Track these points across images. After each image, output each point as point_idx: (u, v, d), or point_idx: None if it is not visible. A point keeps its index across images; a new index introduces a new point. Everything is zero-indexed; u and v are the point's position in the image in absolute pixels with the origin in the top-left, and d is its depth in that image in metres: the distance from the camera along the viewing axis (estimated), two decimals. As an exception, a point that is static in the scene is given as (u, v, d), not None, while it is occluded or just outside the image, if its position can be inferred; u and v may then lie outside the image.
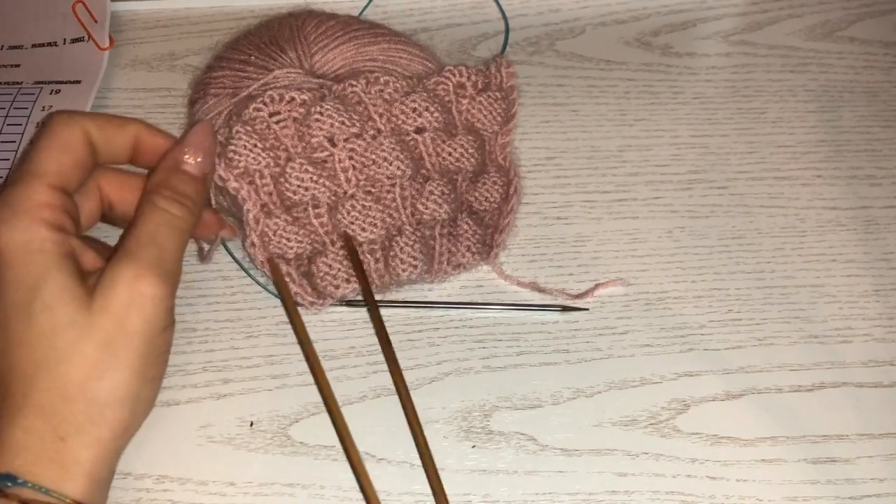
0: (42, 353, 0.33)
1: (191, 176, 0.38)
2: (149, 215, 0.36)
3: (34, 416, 0.32)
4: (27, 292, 0.33)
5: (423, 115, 0.43)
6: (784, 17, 0.57)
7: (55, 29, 0.55)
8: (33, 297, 0.33)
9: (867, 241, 0.47)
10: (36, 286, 0.33)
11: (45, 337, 0.33)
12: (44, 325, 0.33)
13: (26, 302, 0.33)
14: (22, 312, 0.33)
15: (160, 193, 0.36)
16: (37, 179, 0.35)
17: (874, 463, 0.40)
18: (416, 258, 0.43)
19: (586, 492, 0.39)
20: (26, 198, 0.34)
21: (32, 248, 0.33)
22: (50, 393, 0.33)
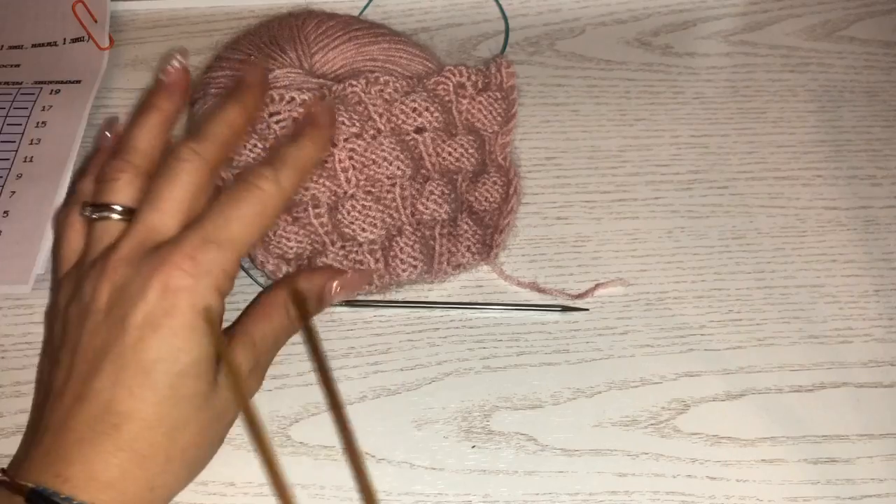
0: (168, 410, 0.33)
1: (323, 303, 0.40)
2: (278, 318, 0.38)
3: (134, 463, 0.33)
4: (180, 350, 0.33)
5: (423, 115, 0.43)
6: (784, 17, 0.57)
7: (55, 29, 0.55)
8: (185, 357, 0.33)
9: (867, 241, 0.47)
10: (190, 349, 0.33)
11: (177, 397, 0.33)
12: (182, 386, 0.34)
13: (174, 358, 0.33)
14: (168, 366, 0.33)
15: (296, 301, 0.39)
16: (234, 250, 0.35)
17: (874, 463, 0.40)
18: (416, 258, 0.43)
19: (586, 492, 0.39)
20: (219, 265, 0.34)
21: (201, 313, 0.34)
22: (158, 449, 0.33)
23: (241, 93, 0.39)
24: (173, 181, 0.36)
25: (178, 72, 0.40)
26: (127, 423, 0.33)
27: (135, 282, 0.34)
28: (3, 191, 0.47)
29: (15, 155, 0.49)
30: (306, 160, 0.39)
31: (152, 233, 0.35)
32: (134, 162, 0.37)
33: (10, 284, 0.44)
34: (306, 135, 0.39)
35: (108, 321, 0.34)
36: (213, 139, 0.37)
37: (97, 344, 0.34)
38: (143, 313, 0.33)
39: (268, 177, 0.36)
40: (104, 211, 0.37)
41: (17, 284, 0.44)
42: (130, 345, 0.33)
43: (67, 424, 0.33)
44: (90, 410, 0.33)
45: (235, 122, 0.38)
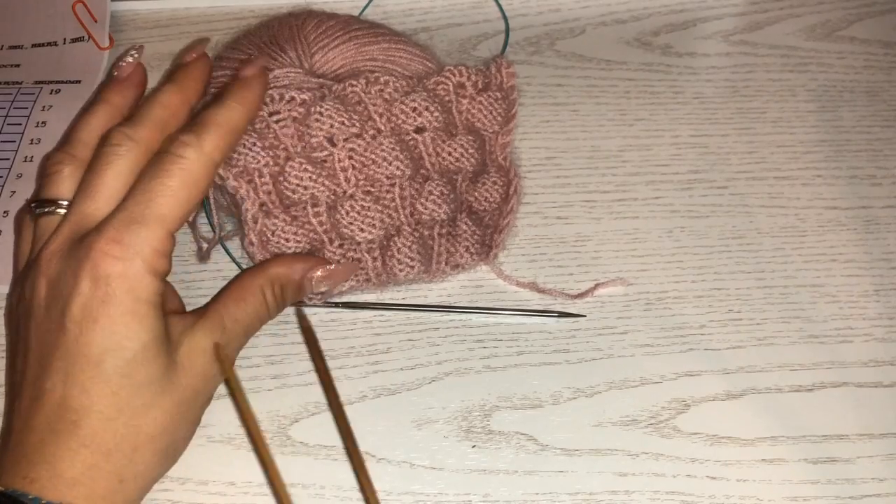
0: (126, 399, 0.33)
1: (301, 289, 0.40)
2: (253, 303, 0.38)
3: (101, 456, 0.33)
4: (125, 338, 0.33)
5: (422, 114, 0.43)
6: (784, 17, 0.57)
7: (55, 29, 0.55)
8: (132, 344, 0.33)
9: (867, 240, 0.47)
10: (134, 335, 0.33)
11: (132, 385, 0.33)
12: (135, 374, 0.33)
13: (121, 347, 0.33)
14: (116, 356, 0.33)
15: (273, 289, 0.38)
16: (162, 227, 0.34)
17: (874, 463, 0.40)
18: (413, 258, 0.43)
19: (586, 492, 0.39)
20: (147, 243, 0.33)
21: (140, 297, 0.33)
22: (123, 439, 0.33)
23: (176, 74, 0.38)
24: (103, 167, 0.35)
25: (130, 66, 0.39)
26: (84, 418, 0.32)
27: (66, 274, 0.33)
28: (3, 191, 0.47)
29: (15, 155, 0.49)
30: (232, 121, 0.37)
31: (83, 221, 0.34)
32: (74, 154, 0.36)
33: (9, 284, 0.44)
34: (231, 93, 0.37)
35: (48, 317, 0.34)
36: (145, 121, 0.36)
37: (42, 342, 0.33)
38: (79, 306, 0.33)
39: (189, 143, 0.35)
40: (46, 206, 0.36)
41: (16, 284, 0.44)
42: (73, 339, 0.33)
43: (28, 426, 0.33)
44: (47, 410, 0.33)
45: (170, 103, 0.37)
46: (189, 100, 0.38)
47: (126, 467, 0.33)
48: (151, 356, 0.34)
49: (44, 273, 0.34)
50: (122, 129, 0.36)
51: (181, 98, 0.37)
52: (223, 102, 0.37)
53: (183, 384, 0.35)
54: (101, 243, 0.33)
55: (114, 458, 0.33)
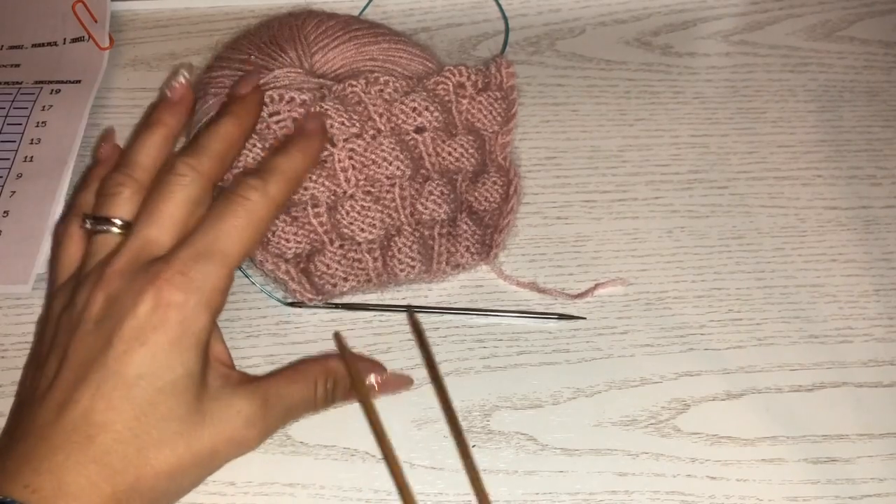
0: (145, 427, 0.33)
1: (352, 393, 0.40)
2: (303, 387, 0.38)
3: (103, 476, 0.32)
4: (162, 366, 0.33)
5: (422, 114, 0.43)
6: (784, 17, 0.57)
7: (55, 29, 0.55)
8: (167, 374, 0.33)
9: (867, 241, 0.47)
10: (174, 366, 0.33)
11: (154, 416, 0.33)
12: (160, 404, 0.33)
13: (156, 374, 0.33)
14: (149, 382, 0.33)
15: (325, 382, 0.38)
16: (226, 264, 0.35)
17: (874, 463, 0.40)
18: (414, 258, 0.43)
19: (586, 492, 0.39)
20: (209, 279, 0.34)
21: (189, 329, 0.34)
22: (129, 465, 0.33)
23: (235, 105, 0.40)
24: (168, 196, 0.36)
25: (182, 88, 0.40)
26: (101, 434, 0.32)
27: (127, 295, 0.34)
28: (3, 191, 0.47)
29: (15, 155, 0.49)
30: (295, 169, 0.39)
31: (147, 247, 0.35)
32: (135, 176, 0.37)
33: (9, 284, 0.44)
34: (295, 144, 0.39)
35: (97, 331, 0.34)
36: (208, 153, 0.37)
37: (84, 353, 0.34)
38: (132, 326, 0.33)
39: (255, 187, 0.36)
40: (104, 224, 0.37)
41: (17, 284, 0.44)
42: (116, 357, 0.33)
43: (45, 433, 0.33)
44: (68, 419, 0.33)
45: (231, 136, 0.39)
46: (246, 133, 0.40)
47: (124, 493, 0.33)
48: (181, 391, 0.34)
49: (103, 289, 0.35)
50: (187, 159, 0.37)
51: (240, 132, 0.39)
52: (288, 152, 0.39)
53: (204, 437, 0.34)
54: (167, 272, 0.34)
55: (115, 481, 0.32)
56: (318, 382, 0.38)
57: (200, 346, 0.34)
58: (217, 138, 0.38)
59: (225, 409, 0.35)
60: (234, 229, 0.35)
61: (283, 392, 0.37)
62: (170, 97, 0.40)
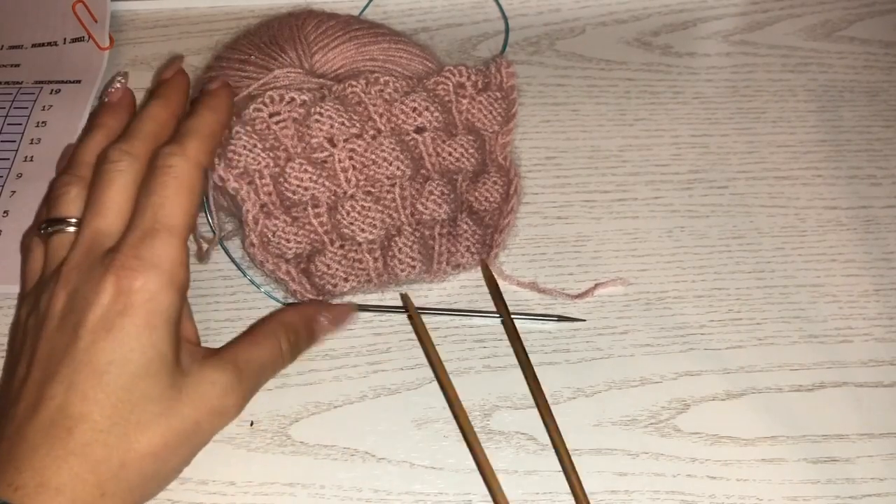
0: (123, 413, 0.33)
1: (314, 336, 0.41)
2: (270, 346, 0.38)
3: (88, 466, 0.32)
4: (133, 350, 0.34)
5: (423, 114, 0.43)
6: (784, 17, 0.57)
7: (55, 29, 0.55)
8: (139, 357, 0.34)
9: (867, 240, 0.47)
10: (143, 348, 0.34)
11: (131, 400, 0.33)
12: (136, 388, 0.33)
13: (127, 359, 0.33)
14: (121, 367, 0.33)
15: (287, 334, 0.39)
16: (172, 235, 0.35)
17: (874, 463, 0.40)
18: (414, 258, 0.43)
19: (586, 491, 0.39)
20: (162, 255, 0.35)
21: (156, 310, 0.34)
22: (113, 452, 0.33)
23: (161, 88, 0.41)
24: (108, 184, 0.37)
25: (120, 91, 0.42)
26: (79, 425, 0.32)
27: (86, 287, 0.34)
28: (3, 191, 0.47)
29: (15, 155, 0.49)
30: (207, 125, 0.39)
31: (98, 238, 0.36)
32: (79, 174, 0.38)
33: (9, 284, 0.44)
34: (201, 103, 0.40)
35: (61, 327, 0.34)
36: (138, 135, 0.38)
37: (51, 350, 0.34)
38: (97, 316, 0.34)
39: (174, 153, 0.37)
40: (57, 225, 0.37)
41: (16, 284, 0.44)
42: (83, 348, 0.33)
43: (21, 432, 0.33)
44: (44, 416, 0.33)
45: (159, 116, 0.39)
46: (175, 112, 0.40)
47: (110, 481, 0.33)
48: (154, 372, 0.34)
49: (63, 286, 0.35)
50: (118, 145, 0.38)
51: (168, 111, 0.40)
52: (196, 112, 0.39)
53: (185, 413, 0.35)
54: (121, 258, 0.34)
55: (100, 471, 0.33)
56: (281, 338, 0.39)
57: (170, 325, 0.35)
58: (146, 120, 0.39)
59: (200, 382, 0.35)
60: (168, 199, 0.36)
61: (251, 356, 0.38)
62: (109, 100, 0.42)
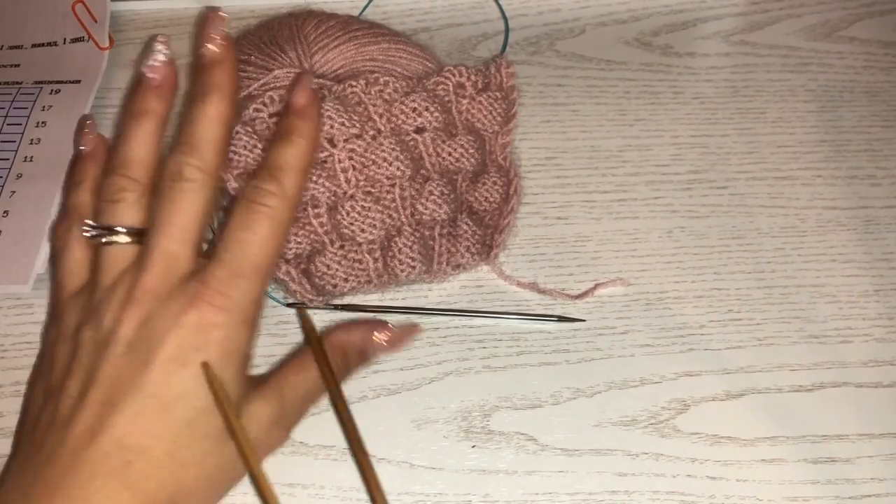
0: (181, 449, 0.33)
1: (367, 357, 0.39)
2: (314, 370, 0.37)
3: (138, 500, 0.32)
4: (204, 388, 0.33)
5: (422, 115, 0.43)
6: (784, 17, 0.57)
7: (55, 29, 0.55)
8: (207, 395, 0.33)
9: (867, 241, 0.47)
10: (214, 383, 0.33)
11: (191, 437, 0.33)
12: (198, 425, 0.33)
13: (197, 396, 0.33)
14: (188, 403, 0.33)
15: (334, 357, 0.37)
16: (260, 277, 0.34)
17: (874, 463, 0.40)
18: (414, 259, 0.43)
19: (586, 492, 0.39)
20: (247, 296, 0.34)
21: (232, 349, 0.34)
22: (164, 488, 0.32)
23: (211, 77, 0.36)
24: (181, 205, 0.34)
25: (164, 67, 0.37)
26: (138, 459, 0.32)
27: (164, 317, 0.33)
28: (3, 191, 0.47)
29: (15, 155, 0.49)
30: (303, 159, 0.37)
31: (173, 263, 0.34)
32: (135, 177, 0.36)
33: (9, 284, 0.44)
34: (294, 129, 0.37)
35: (132, 354, 0.33)
36: (210, 149, 0.35)
37: (117, 376, 0.33)
38: (173, 348, 0.33)
39: (273, 192, 0.35)
40: (111, 235, 0.35)
41: (16, 284, 0.44)
42: (154, 381, 0.32)
43: (76, 459, 0.32)
44: (103, 445, 0.32)
45: (225, 118, 0.36)
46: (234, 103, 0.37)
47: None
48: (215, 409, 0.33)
49: (134, 309, 0.33)
50: (190, 160, 0.35)
51: (231, 111, 0.36)
52: (290, 140, 0.37)
53: (231, 450, 0.34)
54: (206, 293, 0.33)
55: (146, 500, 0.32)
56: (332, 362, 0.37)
57: (242, 362, 0.34)
58: (213, 126, 0.35)
59: (248, 418, 0.35)
60: (263, 239, 0.35)
61: (295, 383, 0.36)
62: (153, 80, 0.37)
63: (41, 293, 0.44)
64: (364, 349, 0.39)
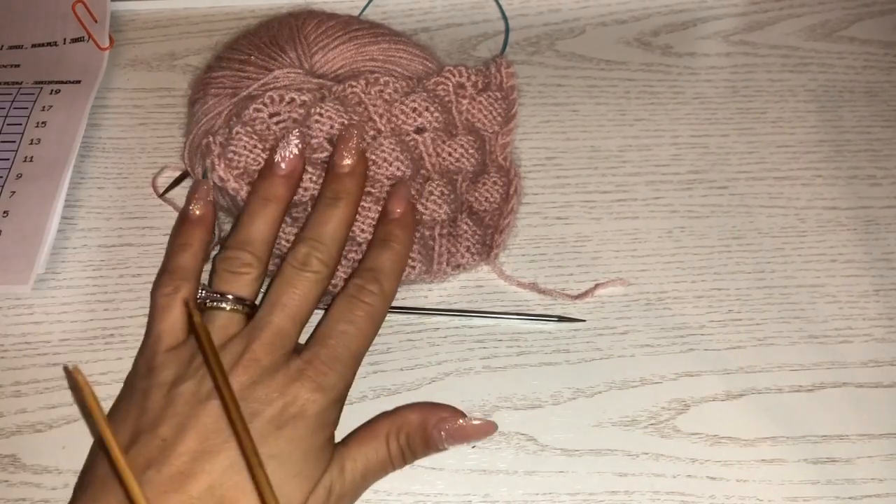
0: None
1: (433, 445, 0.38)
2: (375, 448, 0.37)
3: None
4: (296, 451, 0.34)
5: (423, 115, 0.43)
6: (784, 17, 0.57)
7: (55, 29, 0.55)
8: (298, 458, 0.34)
9: (867, 241, 0.47)
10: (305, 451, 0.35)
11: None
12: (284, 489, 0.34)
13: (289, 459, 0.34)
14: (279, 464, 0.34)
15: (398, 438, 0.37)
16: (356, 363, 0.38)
17: (874, 463, 0.40)
18: (415, 259, 0.43)
19: (586, 492, 0.39)
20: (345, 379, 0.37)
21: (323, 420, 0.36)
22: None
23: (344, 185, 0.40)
24: (300, 289, 0.37)
25: (296, 159, 0.41)
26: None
27: (269, 385, 0.35)
28: (3, 191, 0.47)
29: (15, 155, 0.49)
30: (400, 263, 0.40)
31: (282, 338, 0.36)
32: (259, 256, 0.38)
33: (10, 284, 0.44)
34: (394, 238, 0.40)
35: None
36: (333, 244, 0.39)
37: (216, 429, 0.34)
38: (276, 411, 0.34)
39: (374, 292, 0.38)
40: (224, 303, 0.37)
41: (17, 284, 0.44)
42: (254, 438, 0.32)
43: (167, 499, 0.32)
44: (194, 490, 0.32)
45: (348, 220, 0.40)
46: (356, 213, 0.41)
47: None
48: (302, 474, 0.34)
49: (243, 373, 0.35)
50: (318, 254, 0.38)
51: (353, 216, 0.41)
52: (389, 246, 0.40)
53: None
54: (311, 372, 0.35)
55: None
56: (390, 439, 0.37)
57: (328, 434, 0.36)
58: (339, 225, 0.39)
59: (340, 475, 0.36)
60: (361, 332, 0.37)
61: (356, 456, 0.37)
62: (284, 169, 0.41)
63: (41, 293, 0.45)
64: (430, 436, 0.37)
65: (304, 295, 0.37)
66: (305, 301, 0.37)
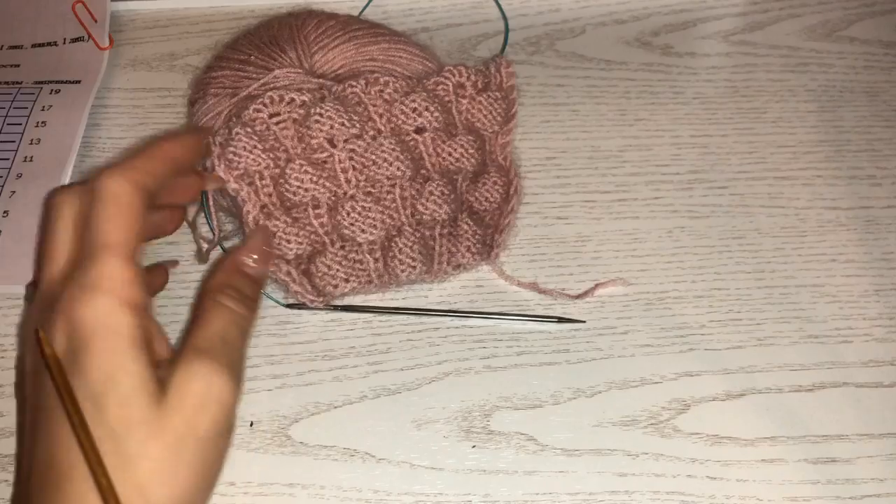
0: (108, 450, 0.30)
1: (252, 278, 0.37)
2: (216, 314, 0.35)
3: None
4: (101, 383, 0.30)
5: (423, 115, 0.43)
6: (784, 17, 0.57)
7: (55, 29, 0.55)
8: (108, 388, 0.30)
9: (867, 241, 0.47)
10: (112, 377, 0.30)
11: (115, 434, 0.30)
12: (116, 421, 0.30)
13: (99, 393, 0.30)
14: (93, 404, 0.30)
15: (225, 293, 0.36)
16: (109, 253, 0.32)
17: (874, 463, 0.40)
18: (415, 259, 0.43)
19: (586, 492, 0.39)
20: (102, 275, 0.31)
21: (111, 332, 0.31)
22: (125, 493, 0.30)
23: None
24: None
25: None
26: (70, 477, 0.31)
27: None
28: (3, 191, 0.47)
29: (15, 155, 0.49)
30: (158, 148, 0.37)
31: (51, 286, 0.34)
32: None
33: (10, 284, 0.44)
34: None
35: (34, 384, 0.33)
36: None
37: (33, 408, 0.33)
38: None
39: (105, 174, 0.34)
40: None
41: (17, 284, 0.44)
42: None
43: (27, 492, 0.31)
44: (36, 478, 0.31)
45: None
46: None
47: None
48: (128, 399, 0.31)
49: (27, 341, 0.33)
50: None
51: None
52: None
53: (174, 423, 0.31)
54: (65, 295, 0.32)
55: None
56: (223, 300, 0.35)
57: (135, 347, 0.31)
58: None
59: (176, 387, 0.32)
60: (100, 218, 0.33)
61: (207, 334, 0.34)
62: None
63: (41, 293, 0.45)
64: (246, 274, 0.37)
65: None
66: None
